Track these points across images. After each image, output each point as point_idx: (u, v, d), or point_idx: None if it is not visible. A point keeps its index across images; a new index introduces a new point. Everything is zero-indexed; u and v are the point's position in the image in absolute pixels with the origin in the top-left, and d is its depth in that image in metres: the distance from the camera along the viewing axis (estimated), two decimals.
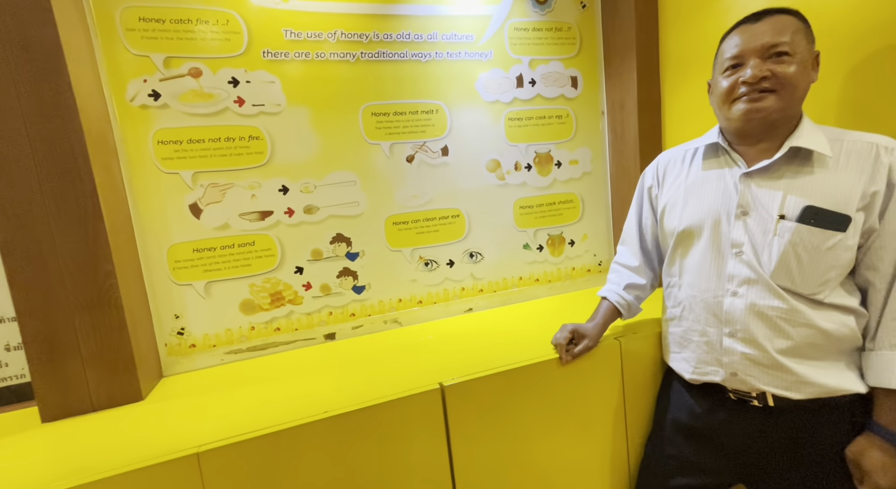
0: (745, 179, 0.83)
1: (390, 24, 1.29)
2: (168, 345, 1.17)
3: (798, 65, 0.77)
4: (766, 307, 0.80)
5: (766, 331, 0.81)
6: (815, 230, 0.76)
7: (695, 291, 0.90)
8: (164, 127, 1.13)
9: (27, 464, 0.78)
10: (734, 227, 0.83)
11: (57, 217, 0.93)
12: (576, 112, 1.53)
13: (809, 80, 0.79)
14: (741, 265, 0.83)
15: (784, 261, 0.78)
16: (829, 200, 0.76)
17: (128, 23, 1.08)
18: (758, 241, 0.81)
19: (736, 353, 0.84)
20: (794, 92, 0.78)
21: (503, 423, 0.96)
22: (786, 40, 0.77)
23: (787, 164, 0.80)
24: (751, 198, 0.82)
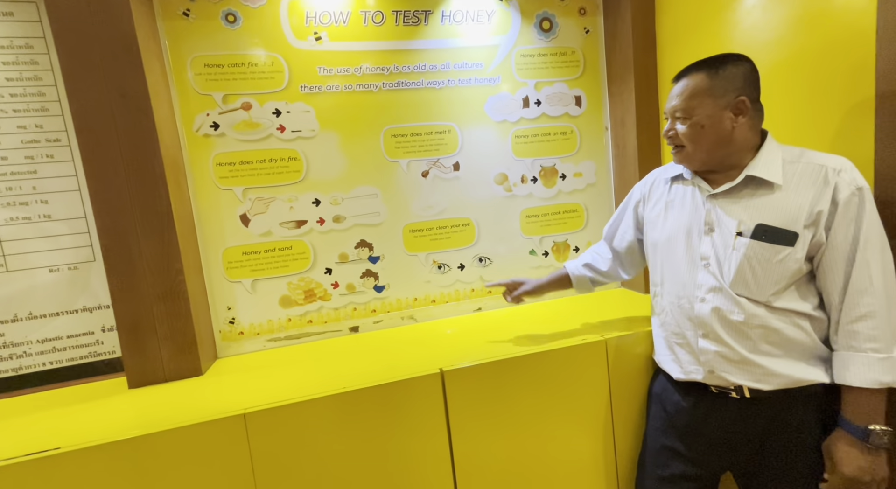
0: (711, 200, 0.94)
1: (409, 58, 1.48)
2: (222, 331, 1.40)
3: (693, 125, 0.90)
4: (727, 312, 0.91)
5: (730, 332, 0.91)
6: (766, 245, 0.86)
7: (673, 298, 1.01)
8: (221, 151, 1.37)
9: (121, 418, 1.02)
10: (703, 242, 0.95)
11: (142, 227, 1.18)
12: (580, 128, 1.65)
13: (720, 130, 0.89)
14: (708, 275, 0.93)
15: (740, 273, 0.89)
16: (779, 219, 0.86)
17: (196, 68, 1.33)
18: (721, 254, 0.92)
19: (710, 353, 0.94)
20: (698, 145, 0.91)
21: (498, 407, 1.10)
22: (680, 105, 0.90)
23: (745, 187, 0.91)
24: (715, 216, 0.93)
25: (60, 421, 1.02)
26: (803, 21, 1.04)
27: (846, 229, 0.82)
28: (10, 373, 1.23)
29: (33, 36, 1.20)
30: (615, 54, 1.57)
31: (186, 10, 1.31)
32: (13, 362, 1.24)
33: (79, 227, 1.26)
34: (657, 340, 1.09)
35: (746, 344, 0.90)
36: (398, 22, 1.46)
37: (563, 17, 1.58)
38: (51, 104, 1.23)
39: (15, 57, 1.19)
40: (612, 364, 1.16)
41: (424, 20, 1.48)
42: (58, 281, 1.25)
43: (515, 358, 1.10)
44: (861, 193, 0.82)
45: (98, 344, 1.30)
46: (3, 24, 1.18)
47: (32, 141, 1.22)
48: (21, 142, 1.21)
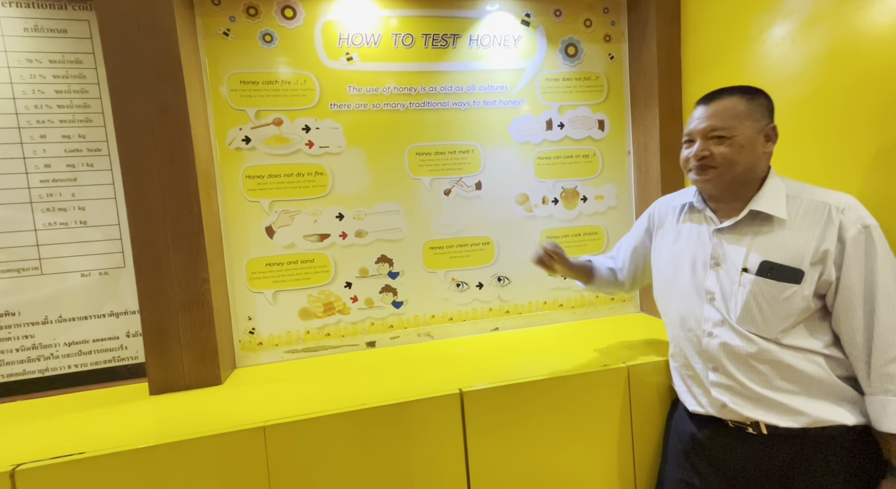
0: (717, 234, 0.94)
1: (435, 79, 1.52)
2: (241, 341, 1.42)
3: (733, 146, 0.88)
4: (735, 346, 0.90)
5: (739, 366, 0.90)
6: (771, 282, 0.86)
7: (680, 331, 1.01)
8: (251, 165, 1.41)
9: (143, 424, 1.03)
10: (708, 276, 0.94)
11: (172, 236, 1.21)
12: (602, 152, 1.66)
13: (754, 154, 0.88)
14: (713, 310, 0.93)
15: (747, 309, 0.88)
16: (785, 256, 0.85)
17: (232, 85, 1.39)
18: (726, 290, 0.91)
19: (721, 386, 0.93)
20: (732, 166, 0.89)
21: (516, 431, 1.09)
22: (721, 125, 0.88)
23: (750, 223, 0.90)
24: (721, 251, 0.93)
25: (84, 424, 1.03)
26: (833, 55, 1.04)
27: (859, 268, 0.81)
28: (38, 374, 1.26)
29: (83, 51, 1.27)
30: (639, 81, 1.58)
31: (227, 30, 1.37)
32: (40, 363, 1.26)
33: (112, 233, 1.30)
34: (672, 370, 1.08)
35: (758, 378, 0.89)
36: (427, 45, 1.51)
37: (589, 43, 1.61)
38: (94, 116, 1.28)
39: (65, 71, 1.25)
40: (633, 392, 1.14)
41: (452, 43, 1.52)
42: (88, 285, 1.29)
43: (536, 381, 1.09)
44: (868, 231, 0.81)
45: (122, 349, 1.32)
46: (57, 41, 1.24)
47: (75, 150, 1.27)
48: (64, 150, 1.26)
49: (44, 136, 1.25)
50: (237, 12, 1.37)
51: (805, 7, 1.09)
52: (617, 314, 1.69)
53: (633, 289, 1.26)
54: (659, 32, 1.47)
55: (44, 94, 1.24)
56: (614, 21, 1.63)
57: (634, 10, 1.59)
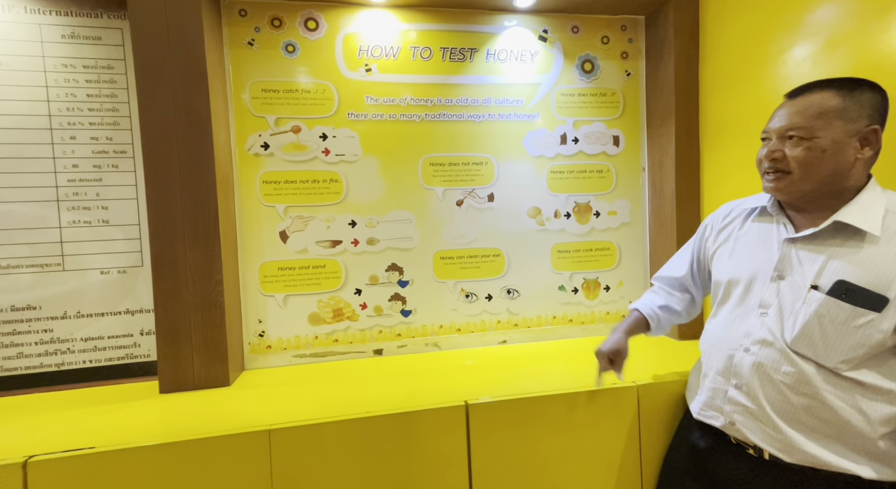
0: (789, 244, 0.83)
1: (452, 91, 1.54)
2: (251, 344, 1.43)
3: (812, 148, 0.76)
4: (772, 369, 0.82)
5: (768, 391, 0.83)
6: (843, 305, 0.75)
7: (714, 340, 0.94)
8: (268, 170, 1.44)
9: (152, 422, 1.04)
10: (767, 289, 0.84)
11: (190, 238, 1.24)
12: (616, 168, 1.65)
13: (842, 160, 0.76)
14: (761, 326, 0.84)
15: (807, 331, 0.78)
16: (868, 278, 0.74)
17: (254, 93, 1.43)
18: (786, 306, 0.81)
19: (738, 404, 0.87)
20: (811, 173, 0.77)
21: (521, 446, 1.07)
22: (801, 122, 0.77)
23: (833, 235, 0.79)
24: (789, 263, 0.82)
25: (95, 420, 1.05)
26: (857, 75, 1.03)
27: None
28: (54, 367, 1.29)
29: (115, 58, 1.32)
30: (656, 98, 1.58)
31: (251, 40, 1.41)
32: (57, 358, 1.29)
33: (132, 233, 1.34)
34: (692, 374, 1.04)
35: (784, 408, 0.81)
36: (445, 58, 1.53)
37: (606, 59, 1.62)
38: (122, 119, 1.33)
39: (97, 76, 1.31)
40: (643, 412, 1.11)
41: (470, 57, 1.54)
42: (107, 283, 1.32)
43: (543, 397, 1.08)
44: None
45: (135, 346, 1.35)
46: (91, 47, 1.30)
47: (102, 152, 1.32)
48: (92, 152, 1.31)
49: (73, 137, 1.30)
50: (262, 23, 1.41)
51: (827, 28, 1.08)
52: None
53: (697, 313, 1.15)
54: (677, 50, 1.48)
55: (76, 97, 1.29)
56: (632, 38, 1.63)
57: (653, 29, 1.59)
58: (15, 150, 1.26)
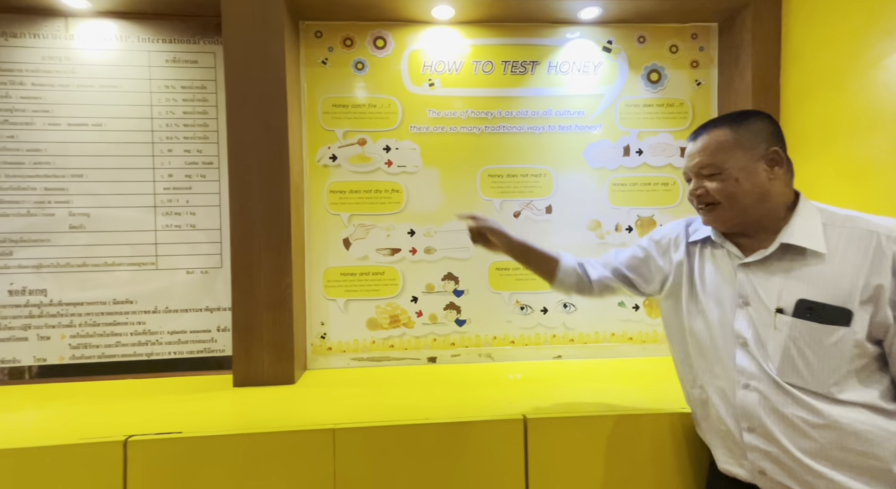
0: (744, 269, 0.83)
1: (512, 104, 1.55)
2: (313, 345, 1.51)
3: (727, 180, 0.80)
4: (779, 403, 0.76)
5: (785, 429, 0.76)
6: (813, 325, 0.74)
7: (708, 377, 0.87)
8: (335, 180, 1.52)
9: (226, 413, 1.13)
10: (737, 317, 0.82)
11: (265, 243, 1.33)
12: (683, 181, 1.57)
13: (757, 183, 0.79)
14: (748, 358, 0.80)
15: (787, 357, 0.76)
16: (826, 293, 0.74)
17: (325, 108, 1.52)
18: (760, 333, 0.80)
19: (759, 451, 0.79)
20: (735, 200, 0.80)
21: (581, 466, 1.04)
22: (707, 161, 0.82)
23: (782, 256, 0.80)
24: (750, 288, 0.82)
25: (180, 407, 1.15)
26: None
27: None
28: (144, 357, 1.43)
29: (208, 79, 1.47)
30: (729, 108, 1.50)
31: (325, 59, 1.51)
32: (147, 348, 1.43)
33: (214, 237, 1.47)
34: (695, 417, 0.95)
35: (808, 446, 0.74)
36: (506, 71, 1.55)
37: (674, 69, 1.57)
38: (210, 133, 1.47)
39: (192, 95, 1.46)
40: None
41: (531, 70, 1.55)
42: (191, 282, 1.45)
43: (607, 416, 1.04)
44: None
45: (212, 342, 1.46)
46: (189, 70, 1.45)
47: (192, 163, 1.46)
48: (184, 163, 1.46)
49: (170, 150, 1.45)
50: (335, 43, 1.51)
51: None
52: None
53: (598, 296, 1.06)
54: (755, 57, 1.40)
55: (174, 114, 1.45)
56: (703, 47, 1.57)
57: (727, 36, 1.52)
58: (123, 162, 1.43)
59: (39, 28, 1.40)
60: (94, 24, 1.42)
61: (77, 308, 1.41)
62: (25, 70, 1.40)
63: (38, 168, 1.40)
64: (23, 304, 1.39)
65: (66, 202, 1.41)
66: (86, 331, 1.41)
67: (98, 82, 1.42)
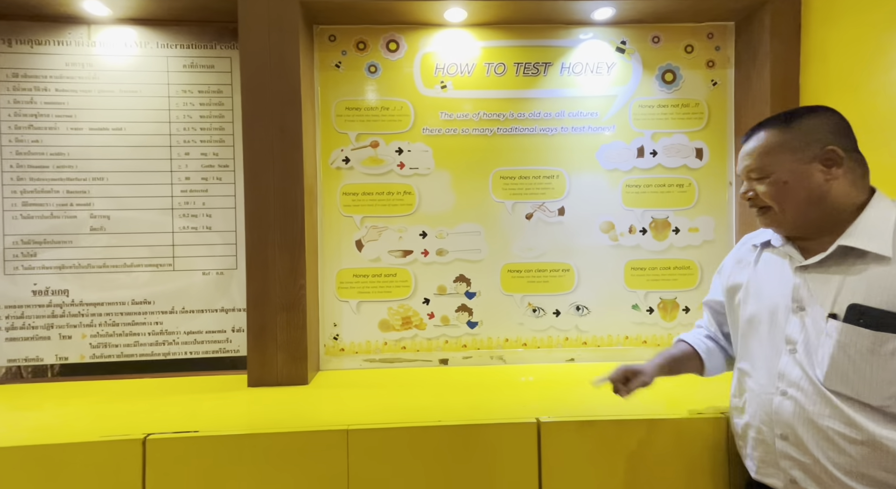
0: (801, 272, 0.80)
1: (524, 105, 1.55)
2: (326, 346, 1.52)
3: (774, 183, 0.79)
4: (816, 414, 0.74)
5: (819, 441, 0.74)
6: (864, 331, 0.70)
7: (752, 384, 0.86)
8: (348, 183, 1.54)
9: (241, 412, 1.14)
10: (790, 322, 0.80)
11: (279, 244, 1.35)
12: (699, 182, 1.55)
13: (810, 186, 0.76)
14: (793, 364, 0.78)
15: (836, 366, 0.72)
16: (884, 299, 0.70)
17: (338, 111, 1.53)
18: (811, 340, 0.76)
19: (790, 459, 0.78)
20: (786, 204, 0.78)
21: (596, 470, 1.02)
22: (755, 165, 0.81)
23: (841, 260, 0.76)
24: (806, 293, 0.79)
25: (196, 406, 1.17)
26: None
27: None
28: (161, 356, 1.46)
29: (224, 83, 1.49)
30: (747, 108, 1.48)
31: (338, 63, 1.53)
32: (164, 348, 1.46)
33: (230, 238, 1.49)
34: (733, 427, 0.93)
35: (843, 461, 0.71)
36: (518, 73, 1.55)
37: (689, 69, 1.55)
38: (227, 137, 1.49)
39: (209, 99, 1.48)
40: (732, 446, 1.02)
41: (544, 71, 1.55)
42: (207, 283, 1.48)
43: (622, 421, 1.03)
44: None
45: (228, 342, 1.48)
46: (205, 74, 1.48)
47: (209, 165, 1.48)
48: (201, 166, 1.48)
49: (188, 153, 1.47)
50: (349, 47, 1.52)
51: None
52: None
53: None
54: (773, 57, 1.37)
55: (191, 118, 1.48)
56: (719, 46, 1.55)
57: (744, 34, 1.50)
58: (142, 165, 1.46)
59: (63, 35, 1.44)
60: (115, 31, 1.46)
61: (97, 308, 1.44)
62: (50, 76, 1.44)
63: (60, 171, 1.44)
64: (45, 304, 1.43)
65: (88, 204, 1.44)
66: (106, 331, 1.44)
67: (119, 87, 1.45)
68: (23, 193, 1.43)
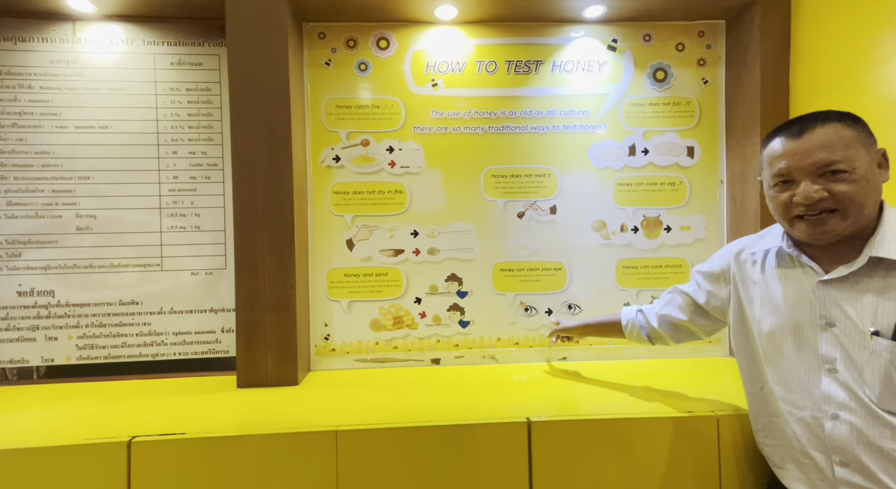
0: (824, 287, 0.76)
1: (516, 104, 1.54)
2: (317, 346, 1.51)
3: (860, 180, 0.71)
4: (877, 437, 0.71)
5: (885, 465, 0.71)
6: None
7: (788, 407, 0.81)
8: (339, 182, 1.52)
9: (230, 414, 1.13)
10: (822, 340, 0.76)
11: (268, 244, 1.33)
12: (691, 180, 1.55)
13: (878, 187, 0.73)
14: (837, 386, 0.75)
15: (889, 384, 0.70)
16: None
17: (328, 109, 1.52)
18: (854, 358, 0.73)
19: (854, 485, 0.74)
20: (861, 209, 0.72)
21: (586, 470, 1.02)
22: (839, 157, 0.71)
23: (872, 272, 0.72)
24: (835, 308, 0.75)
25: (184, 408, 1.16)
26: None
27: None
28: (149, 357, 1.44)
29: (212, 81, 1.47)
30: (737, 106, 1.48)
31: (328, 61, 1.51)
32: (153, 349, 1.44)
33: (218, 238, 1.47)
34: (769, 448, 0.89)
35: None
36: (510, 71, 1.54)
37: (680, 67, 1.55)
38: (215, 135, 1.47)
39: (196, 97, 1.46)
40: (723, 448, 1.02)
41: (535, 69, 1.54)
42: (196, 283, 1.46)
43: (613, 420, 1.03)
44: None
45: (217, 342, 1.47)
46: (193, 72, 1.46)
47: (197, 164, 1.47)
48: (189, 164, 1.46)
49: (175, 152, 1.46)
50: (339, 44, 1.51)
51: None
52: (702, 356, 1.54)
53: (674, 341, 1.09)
54: (763, 55, 1.37)
55: (179, 116, 1.46)
56: (710, 44, 1.54)
57: (735, 33, 1.50)
58: (129, 164, 1.44)
59: (48, 32, 1.42)
60: (100, 27, 1.44)
61: (84, 309, 1.42)
62: (34, 74, 1.41)
63: (45, 170, 1.41)
64: (31, 305, 1.41)
65: (74, 204, 1.42)
66: (92, 332, 1.42)
67: (104, 85, 1.43)
68: (7, 193, 1.40)
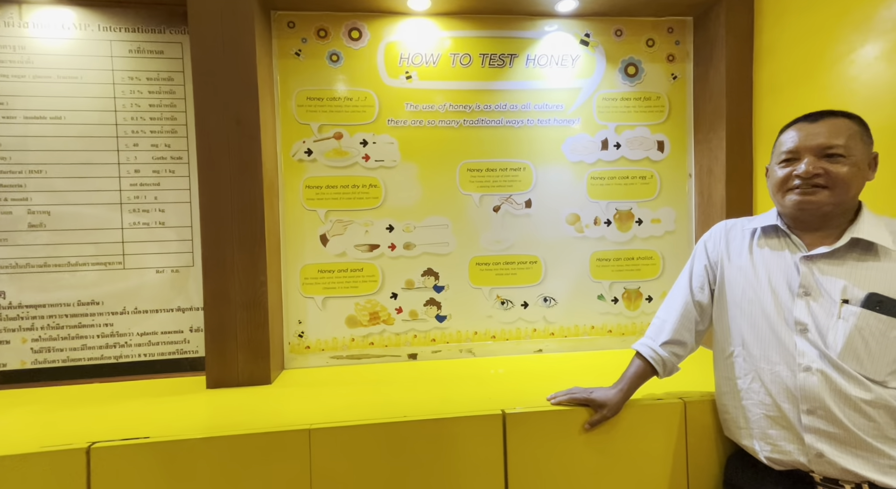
0: (807, 262, 0.86)
1: (491, 97, 1.54)
2: (291, 343, 1.48)
3: (851, 166, 0.82)
4: (843, 385, 0.80)
5: (846, 410, 0.79)
6: (881, 317, 0.79)
7: (763, 363, 0.89)
8: (311, 176, 1.49)
9: (201, 415, 1.09)
10: (796, 305, 0.86)
11: (237, 240, 1.29)
12: (661, 174, 1.59)
13: (864, 180, 0.84)
14: (808, 344, 0.84)
15: (851, 345, 0.80)
16: (893, 289, 0.79)
17: (299, 101, 1.48)
18: (822, 322, 0.83)
19: (819, 432, 0.82)
20: (846, 190, 0.83)
21: (559, 458, 1.04)
22: (840, 143, 0.82)
23: (849, 252, 0.84)
24: (813, 280, 0.85)
25: (150, 411, 1.11)
26: None
27: None
28: (112, 360, 1.38)
29: (175, 70, 1.41)
30: (705, 102, 1.52)
31: (298, 51, 1.47)
32: (116, 350, 1.38)
33: (185, 234, 1.42)
34: (733, 410, 0.96)
35: (870, 428, 0.78)
36: (484, 64, 1.53)
37: (650, 62, 1.57)
38: (179, 127, 1.41)
39: (158, 87, 1.40)
40: (690, 430, 1.06)
41: (510, 63, 1.54)
42: (162, 281, 1.40)
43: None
44: None
45: (185, 342, 1.42)
46: (154, 60, 1.39)
47: (160, 158, 1.40)
48: (152, 158, 1.40)
49: (136, 144, 1.39)
50: (309, 34, 1.47)
51: None
52: None
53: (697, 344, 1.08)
54: (729, 52, 1.41)
55: (139, 107, 1.39)
56: (679, 41, 1.58)
57: (702, 30, 1.53)
58: (85, 157, 1.37)
59: None
60: (50, 11, 1.35)
61: (38, 310, 1.35)
62: None
63: None
64: None
65: (25, 199, 1.34)
66: (49, 335, 1.35)
67: (56, 73, 1.35)
68: None
